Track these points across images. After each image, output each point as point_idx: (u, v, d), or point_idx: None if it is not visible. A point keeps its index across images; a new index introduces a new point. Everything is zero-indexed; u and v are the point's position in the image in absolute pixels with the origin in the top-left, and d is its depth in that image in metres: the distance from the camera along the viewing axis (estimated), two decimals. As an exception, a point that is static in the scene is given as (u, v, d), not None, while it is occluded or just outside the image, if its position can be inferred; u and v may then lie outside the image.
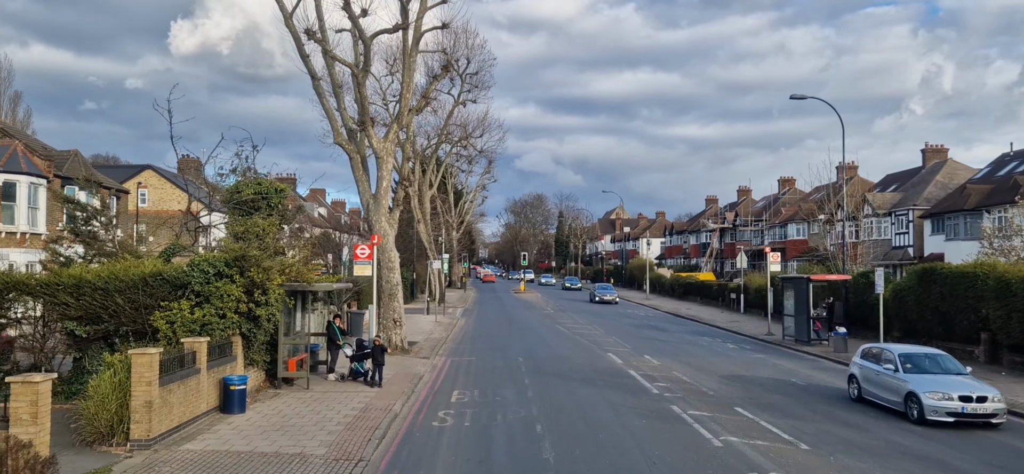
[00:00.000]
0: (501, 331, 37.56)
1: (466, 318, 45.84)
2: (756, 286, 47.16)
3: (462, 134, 60.48)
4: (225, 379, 16.61)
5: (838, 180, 70.34)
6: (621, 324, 41.63)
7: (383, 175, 27.86)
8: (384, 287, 27.82)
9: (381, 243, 27.78)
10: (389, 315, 27.69)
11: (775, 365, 25.90)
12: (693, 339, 34.60)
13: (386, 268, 27.82)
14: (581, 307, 56.32)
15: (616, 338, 33.88)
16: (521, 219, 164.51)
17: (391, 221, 28.38)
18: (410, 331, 35.04)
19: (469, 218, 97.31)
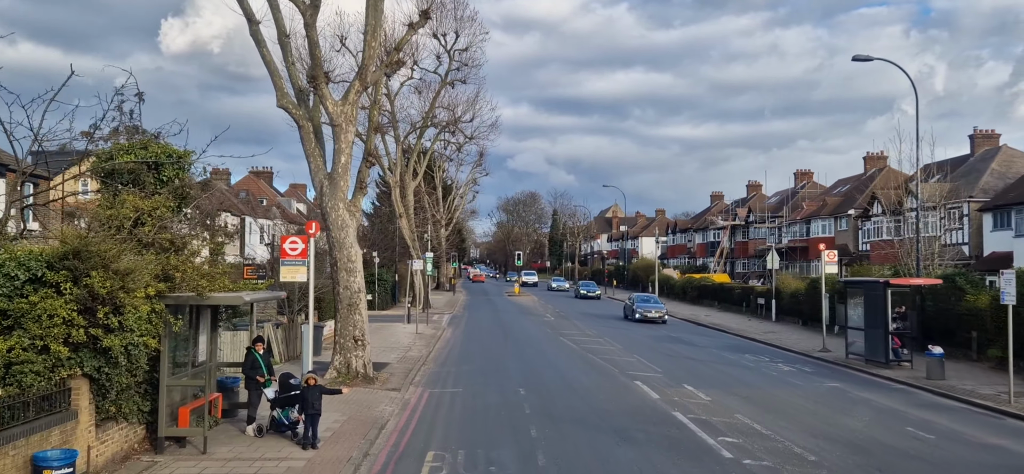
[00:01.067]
0: (495, 346, 30.88)
1: (453, 327, 39.15)
2: (792, 290, 40.62)
3: (450, 118, 53.79)
4: (36, 458, 9.91)
5: (866, 171, 64.12)
6: (637, 336, 35.00)
7: (341, 148, 21.17)
8: (342, 296, 21.11)
9: (340, 239, 21.10)
10: (348, 332, 20.98)
11: (867, 402, 19.30)
12: (733, 358, 28.00)
13: (344, 270, 21.11)
14: (585, 309, 49.74)
15: (638, 356, 27.26)
16: (514, 217, 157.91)
17: (352, 209, 21.66)
18: (383, 346, 28.33)
19: (459, 215, 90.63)
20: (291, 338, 25.17)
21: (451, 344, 31.32)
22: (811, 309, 37.27)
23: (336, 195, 21.37)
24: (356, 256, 21.45)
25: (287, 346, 24.77)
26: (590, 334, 35.57)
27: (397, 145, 52.23)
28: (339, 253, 21.26)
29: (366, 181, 22.42)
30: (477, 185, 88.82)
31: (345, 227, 21.37)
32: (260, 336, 15.59)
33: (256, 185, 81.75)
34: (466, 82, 52.72)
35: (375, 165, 22.92)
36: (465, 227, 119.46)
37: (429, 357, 26.88)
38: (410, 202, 52.86)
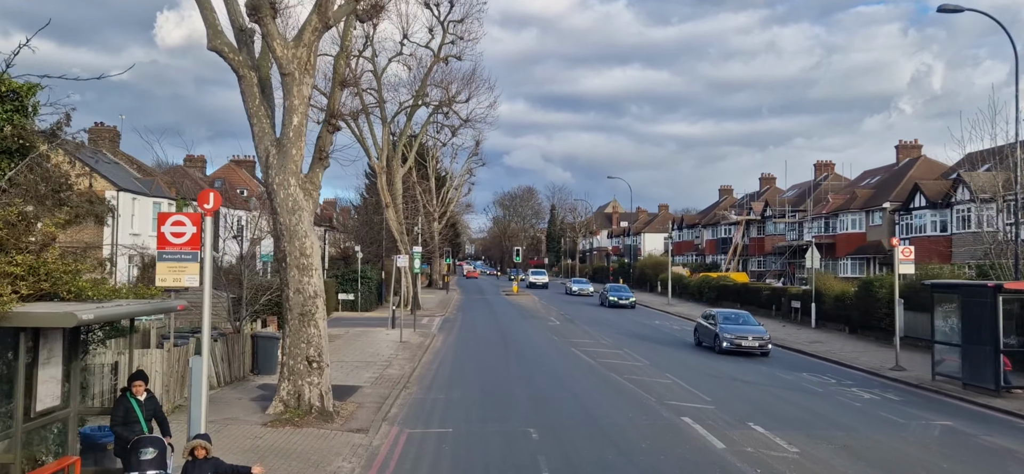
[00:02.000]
0: (494, 360, 25.51)
1: (445, 333, 33.79)
2: (836, 292, 35.28)
3: (444, 97, 48.34)
4: None
5: (898, 161, 58.84)
6: (663, 348, 29.65)
7: (293, 105, 15.81)
8: (292, 301, 15.74)
9: (290, 225, 15.76)
10: (300, 351, 15.61)
11: (1012, 454, 13.99)
12: (789, 378, 22.68)
13: (296, 268, 15.74)
14: (594, 315, 44.40)
15: (673, 377, 21.91)
16: (510, 213, 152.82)
17: (308, 187, 16.27)
18: (357, 361, 22.97)
19: (453, 208, 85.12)
20: (236, 354, 19.78)
21: (441, 357, 25.94)
22: (862, 315, 32.00)
23: (286, 168, 15.98)
24: (312, 249, 16.07)
25: (230, 365, 19.36)
26: (606, 344, 30.21)
27: (384, 126, 46.83)
28: (289, 245, 15.88)
29: (328, 151, 16.99)
30: (473, 176, 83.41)
31: (297, 210, 15.99)
32: (141, 371, 10.19)
33: (236, 174, 76.19)
34: (461, 59, 47.47)
35: (339, 130, 17.38)
36: (460, 222, 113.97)
37: (412, 376, 21.50)
38: (398, 191, 47.44)
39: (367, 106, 46.54)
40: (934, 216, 44.34)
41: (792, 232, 64.76)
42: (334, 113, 17.21)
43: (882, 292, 30.31)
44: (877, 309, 30.58)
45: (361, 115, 46.38)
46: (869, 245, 51.88)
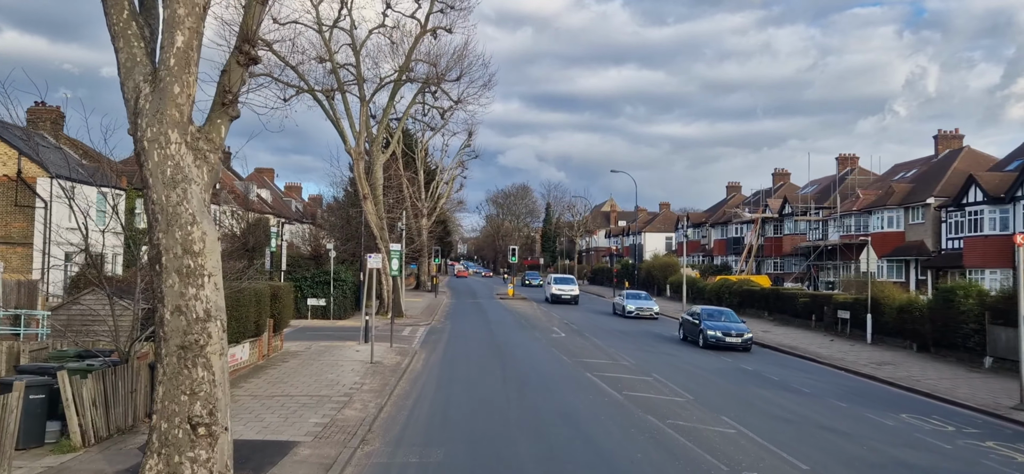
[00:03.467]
0: (488, 393, 19.58)
1: (428, 350, 27.87)
2: (898, 302, 29.48)
3: (432, 75, 42.39)
4: None
5: (937, 153, 53.20)
6: (704, 373, 23.82)
7: (178, 16, 9.97)
8: (169, 327, 9.84)
9: (169, 204, 9.97)
10: (178, 409, 9.71)
11: None
12: (895, 427, 16.85)
13: (176, 272, 9.86)
14: (602, 325, 38.55)
15: (734, 423, 16.07)
16: (504, 211, 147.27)
17: (202, 145, 10.38)
18: (306, 394, 16.97)
19: (444, 204, 79.16)
20: (121, 393, 13.81)
21: (420, 386, 20.00)
22: (939, 331, 26.24)
23: (164, 114, 10.10)
24: (205, 245, 10.16)
25: (108, 410, 13.40)
26: (627, 366, 24.36)
27: (362, 106, 40.82)
28: (166, 236, 9.97)
29: (237, 92, 11.08)
30: (465, 171, 77.58)
31: (180, 181, 10.08)
32: None
33: (207, 165, 69.92)
34: (452, 32, 41.52)
35: (257, 62, 11.29)
36: (451, 219, 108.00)
37: (377, 420, 15.60)
38: (378, 180, 41.48)
39: (343, 83, 40.60)
40: (994, 212, 38.64)
41: (814, 231, 59.07)
42: (250, 37, 11.20)
43: (968, 304, 24.57)
44: (960, 324, 24.84)
45: (336, 94, 40.44)
46: (909, 245, 46.19)
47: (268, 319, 23.43)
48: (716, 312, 31.74)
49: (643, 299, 45.30)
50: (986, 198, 38.77)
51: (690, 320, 31.35)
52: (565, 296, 54.51)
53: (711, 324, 29.37)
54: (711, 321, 29.71)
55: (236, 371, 20.44)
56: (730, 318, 30.90)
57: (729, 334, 28.88)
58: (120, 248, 33.00)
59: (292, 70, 37.94)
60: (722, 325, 29.53)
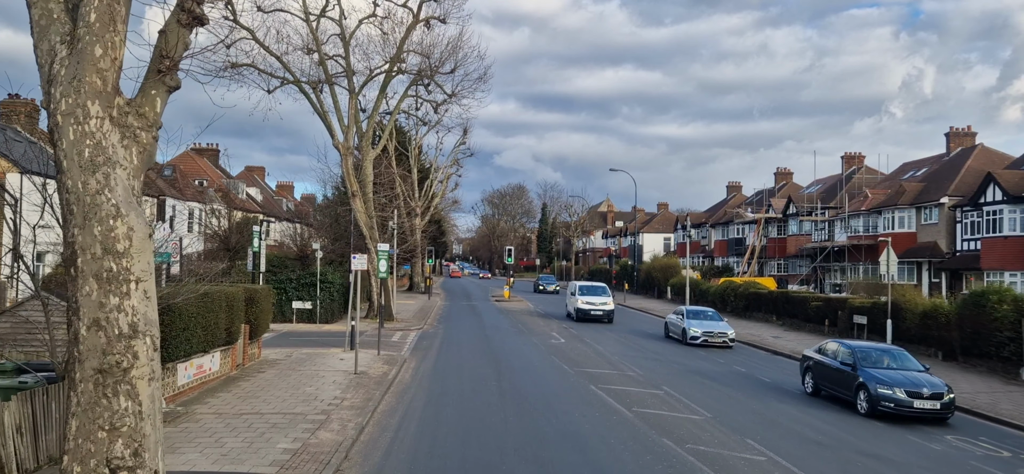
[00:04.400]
0: (483, 411, 17.63)
1: (418, 358, 25.90)
2: (921, 308, 27.61)
3: (425, 67, 40.42)
4: None
5: (948, 151, 51.41)
6: (719, 387, 21.90)
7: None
8: (85, 344, 7.87)
9: (86, 192, 7.98)
10: (95, 447, 7.75)
11: None
12: (943, 451, 14.95)
13: (94, 277, 7.89)
14: (603, 331, 36.64)
15: (760, 446, 14.21)
16: (500, 211, 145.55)
17: (130, 119, 8.43)
18: (284, 407, 14.94)
19: (438, 204, 77.14)
20: (52, 418, 11.85)
21: (407, 402, 18.04)
22: (968, 339, 24.39)
23: (83, 81, 8.11)
24: (131, 243, 8.17)
25: (37, 438, 11.44)
26: (634, 378, 22.45)
27: (351, 98, 38.82)
28: (83, 232, 7.99)
29: (178, 58, 9.15)
30: (460, 169, 75.63)
31: (104, 164, 8.09)
32: None
33: (194, 163, 68.25)
34: (445, 22, 39.52)
35: (203, 23, 9.28)
36: (446, 219, 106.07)
37: (356, 445, 13.67)
38: (368, 177, 39.47)
39: (332, 76, 38.60)
40: (1014, 212, 36.82)
41: (819, 232, 57.24)
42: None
43: (1002, 309, 22.74)
44: (993, 332, 23.00)
45: (324, 86, 38.45)
46: (922, 246, 44.38)
47: (243, 325, 21.45)
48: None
49: (710, 318, 32.64)
50: (1006, 197, 36.95)
51: None
52: (595, 312, 40.71)
53: None
54: None
55: (204, 384, 18.49)
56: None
57: None
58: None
59: (276, 59, 35.94)
60: None
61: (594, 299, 41.57)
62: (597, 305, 41.07)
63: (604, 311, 40.83)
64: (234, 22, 33.96)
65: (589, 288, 43.57)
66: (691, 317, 32.23)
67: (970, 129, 49.84)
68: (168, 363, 16.24)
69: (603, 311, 40.84)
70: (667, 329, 34.44)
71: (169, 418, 15.03)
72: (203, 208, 54.40)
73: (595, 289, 43.25)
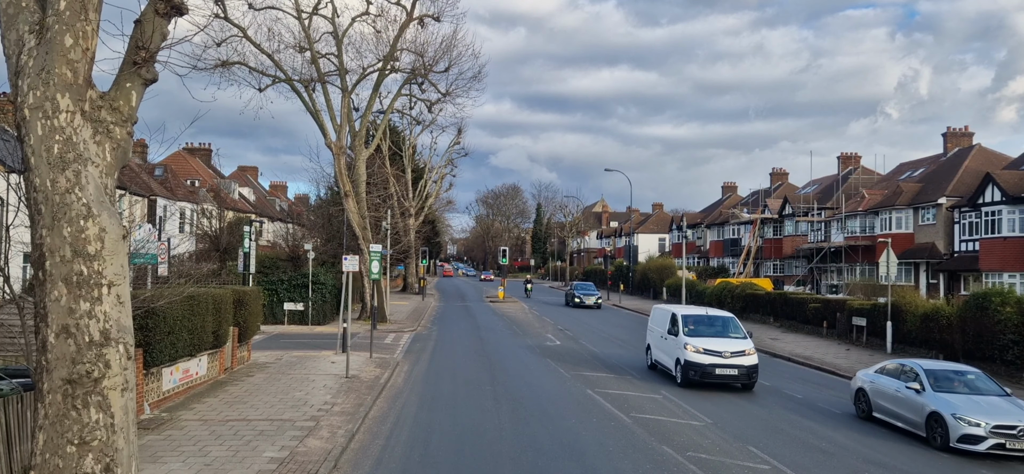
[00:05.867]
0: (478, 417, 17.16)
1: (411, 360, 25.42)
2: (922, 310, 27.25)
3: (418, 65, 39.96)
4: None
5: (946, 152, 51.14)
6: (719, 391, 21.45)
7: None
8: (53, 353, 7.39)
9: (56, 190, 7.49)
10: (64, 465, 7.25)
11: None
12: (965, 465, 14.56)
13: (63, 281, 7.40)
14: (603, 332, 36.21)
15: (766, 455, 13.76)
16: (494, 212, 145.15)
17: (103, 114, 7.93)
18: (272, 414, 14.39)
19: (432, 204, 76.62)
20: (26, 427, 11.36)
21: (399, 408, 17.56)
22: (970, 342, 24.01)
23: (52, 73, 7.64)
24: (103, 242, 7.70)
25: (11, 448, 10.95)
26: (633, 379, 21.99)
27: (344, 96, 38.34)
28: (52, 233, 7.51)
29: (155, 49, 8.70)
30: (454, 169, 75.12)
31: (75, 161, 7.61)
32: None
33: (185, 163, 67.62)
34: (439, 20, 39.08)
35: (183, 11, 8.78)
36: (440, 220, 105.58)
37: (346, 454, 13.21)
38: (361, 177, 38.97)
39: (324, 74, 38.08)
40: (1013, 213, 36.52)
41: (816, 232, 56.94)
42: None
43: (1005, 312, 22.37)
44: (997, 334, 22.63)
45: (316, 85, 37.93)
46: (919, 247, 44.08)
47: (231, 328, 20.94)
48: None
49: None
50: (1005, 198, 36.65)
51: None
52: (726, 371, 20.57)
53: None
54: None
55: (190, 388, 17.99)
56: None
57: None
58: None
59: (268, 57, 35.41)
60: None
61: (721, 345, 20.88)
62: (727, 359, 20.55)
63: (741, 369, 20.56)
64: (225, 19, 33.45)
65: (706, 320, 22.37)
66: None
67: (967, 129, 49.60)
68: (152, 368, 15.74)
69: (739, 369, 20.55)
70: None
71: (153, 425, 14.53)
72: (194, 208, 53.84)
73: (717, 323, 22.32)
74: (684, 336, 21.13)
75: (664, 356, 22.50)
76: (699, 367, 20.31)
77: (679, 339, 21.24)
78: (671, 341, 21.88)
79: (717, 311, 24.11)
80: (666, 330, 22.52)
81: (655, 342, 23.79)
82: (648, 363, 24.26)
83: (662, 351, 22.82)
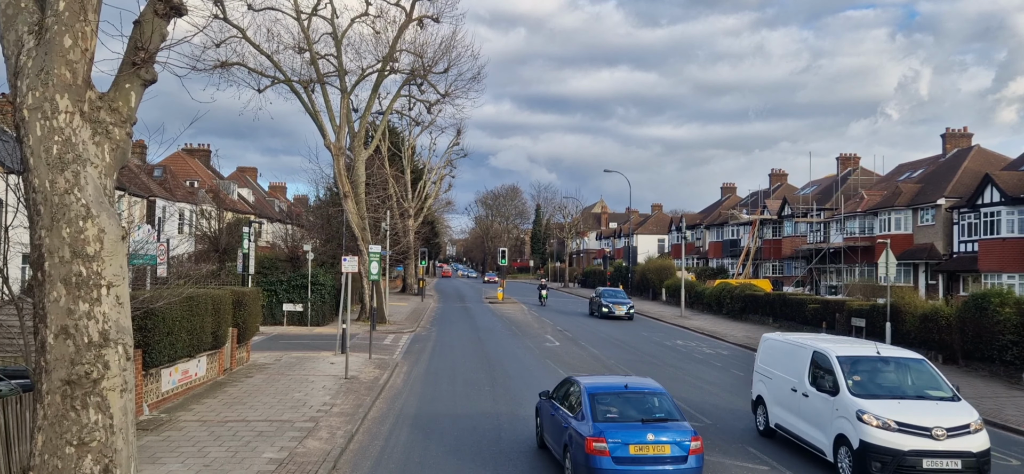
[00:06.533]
0: (478, 423, 17.19)
1: (410, 362, 25.43)
2: (923, 310, 27.27)
3: (417, 66, 39.95)
4: None
5: (944, 153, 51.18)
6: (716, 388, 21.44)
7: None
8: (52, 354, 7.39)
9: (55, 192, 7.50)
10: (63, 466, 7.25)
11: None
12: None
13: (62, 282, 7.40)
14: (603, 333, 36.21)
15: (791, 472, 13.75)
16: (493, 212, 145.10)
17: (102, 115, 7.92)
18: (271, 414, 14.45)
19: (431, 204, 76.63)
20: (26, 428, 11.36)
21: (398, 409, 17.57)
22: (969, 343, 24.04)
23: (51, 73, 7.65)
24: (102, 243, 7.70)
25: (9, 451, 10.95)
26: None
27: (343, 97, 38.36)
28: (51, 234, 7.52)
29: (154, 50, 8.71)
30: (453, 170, 75.12)
31: (74, 162, 7.63)
32: None
33: (185, 164, 67.63)
34: (439, 21, 39.08)
35: (183, 12, 8.79)
36: (439, 221, 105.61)
37: (343, 457, 13.22)
38: (360, 178, 38.96)
39: (324, 75, 38.10)
40: (1012, 213, 36.53)
41: (815, 233, 56.95)
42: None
43: (1004, 313, 22.38)
44: (996, 335, 22.64)
45: (316, 86, 37.93)
46: (918, 248, 44.08)
47: (230, 329, 20.94)
48: None
49: None
50: (1004, 199, 36.66)
51: None
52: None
53: None
54: None
55: (190, 389, 17.99)
56: None
57: None
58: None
59: (267, 58, 35.41)
60: None
61: (925, 414, 12.35)
62: (941, 441, 11.95)
63: (966, 458, 11.85)
64: (224, 20, 33.47)
65: (880, 364, 13.98)
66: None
67: (966, 130, 49.62)
68: (152, 368, 15.74)
69: (965, 458, 11.85)
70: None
71: (152, 426, 14.53)
72: (193, 209, 53.85)
73: (900, 368, 13.93)
74: (851, 395, 12.80)
75: (801, 422, 14.18)
76: (892, 455, 11.80)
77: (841, 400, 12.87)
78: (818, 400, 13.56)
79: (894, 349, 15.03)
80: (806, 379, 14.10)
81: (776, 394, 15.37)
82: (759, 423, 16.00)
83: (795, 413, 14.43)
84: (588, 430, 11.05)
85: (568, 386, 12.96)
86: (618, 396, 12.00)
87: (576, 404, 12.00)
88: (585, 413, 11.48)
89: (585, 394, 11.90)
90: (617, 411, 11.56)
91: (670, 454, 10.87)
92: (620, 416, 11.46)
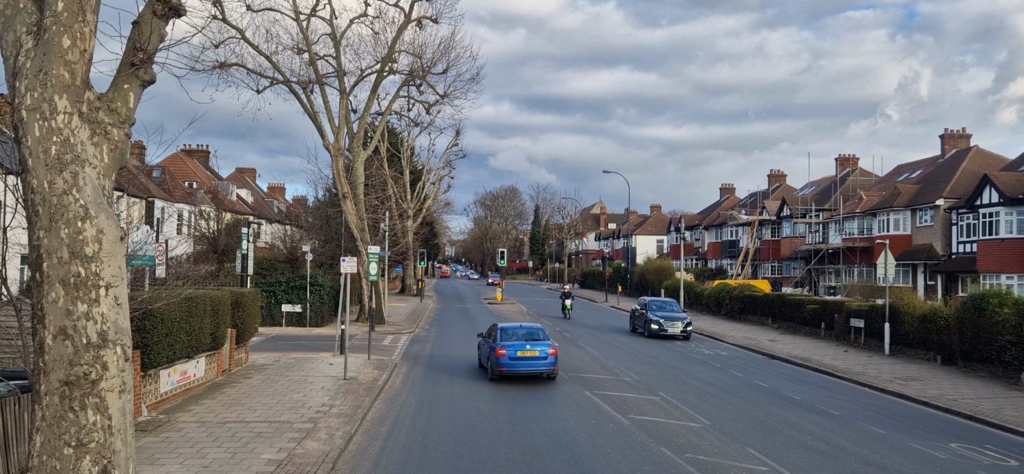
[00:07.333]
0: (477, 419, 17.18)
1: (409, 363, 25.43)
2: (921, 311, 27.28)
3: (416, 67, 39.96)
4: None
5: (943, 154, 51.22)
6: (716, 391, 21.44)
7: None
8: (50, 355, 7.36)
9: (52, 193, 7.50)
10: (61, 467, 7.24)
11: None
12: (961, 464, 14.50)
13: (61, 283, 7.38)
14: (593, 324, 36.20)
15: (785, 470, 13.76)
16: (492, 213, 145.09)
17: (101, 115, 7.91)
18: (270, 416, 14.43)
19: (430, 205, 76.62)
20: (24, 429, 11.35)
21: (397, 410, 17.57)
22: (968, 343, 24.06)
23: (49, 74, 7.65)
24: (100, 244, 7.70)
25: (6, 451, 10.93)
26: (629, 383, 22.01)
27: (342, 98, 38.35)
28: (49, 235, 7.51)
29: (153, 50, 8.71)
30: (452, 170, 75.12)
31: (73, 162, 7.62)
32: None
33: (183, 165, 67.56)
34: (438, 21, 39.11)
35: (181, 13, 8.77)
36: (438, 222, 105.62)
37: (342, 458, 13.20)
38: (359, 179, 38.96)
39: (322, 76, 38.10)
40: (1010, 214, 36.58)
41: (814, 234, 56.98)
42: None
43: (1003, 313, 22.40)
44: (994, 336, 22.65)
45: (314, 86, 37.94)
46: (917, 248, 44.13)
47: (229, 329, 20.93)
48: None
49: None
50: (1002, 199, 36.71)
51: None
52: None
53: None
54: None
55: (188, 390, 17.98)
56: None
57: None
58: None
59: (266, 59, 35.42)
60: None
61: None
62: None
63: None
64: (223, 21, 33.47)
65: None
66: None
67: (965, 131, 49.68)
68: (150, 369, 15.72)
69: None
70: None
71: (150, 427, 14.52)
72: (192, 210, 53.80)
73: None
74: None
75: None
76: None
77: None
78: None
79: None
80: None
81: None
82: None
83: None
84: (496, 344, 21.28)
85: (492, 328, 22.89)
86: (515, 330, 22.39)
87: (493, 334, 22.26)
88: (497, 338, 21.61)
89: (498, 329, 22.33)
90: (513, 337, 21.59)
91: (539, 355, 20.78)
92: (514, 338, 21.50)
